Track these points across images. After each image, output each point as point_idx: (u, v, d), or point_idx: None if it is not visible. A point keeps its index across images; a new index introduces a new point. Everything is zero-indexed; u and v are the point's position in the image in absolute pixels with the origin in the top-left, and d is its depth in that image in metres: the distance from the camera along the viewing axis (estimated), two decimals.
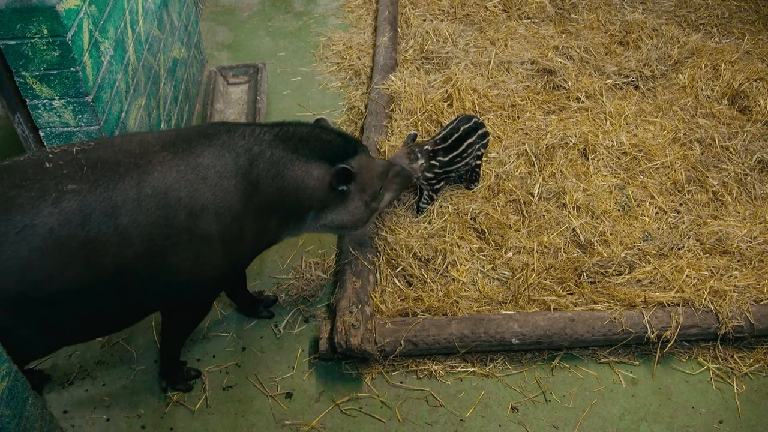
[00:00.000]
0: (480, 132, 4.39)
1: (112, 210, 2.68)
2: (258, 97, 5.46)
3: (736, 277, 3.92)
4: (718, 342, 3.79)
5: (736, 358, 3.77)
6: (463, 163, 4.35)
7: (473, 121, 4.38)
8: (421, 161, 4.11)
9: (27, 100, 3.21)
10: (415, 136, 4.26)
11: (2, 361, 2.51)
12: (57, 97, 3.22)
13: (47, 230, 2.57)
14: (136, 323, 3.19)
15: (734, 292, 3.81)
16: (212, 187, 2.93)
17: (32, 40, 2.99)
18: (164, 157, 2.87)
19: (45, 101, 3.22)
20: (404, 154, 4.10)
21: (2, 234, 2.51)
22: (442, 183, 4.41)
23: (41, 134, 3.34)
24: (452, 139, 4.26)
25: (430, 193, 4.38)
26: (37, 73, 3.11)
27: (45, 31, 2.97)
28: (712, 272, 3.96)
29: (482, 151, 4.49)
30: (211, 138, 3.05)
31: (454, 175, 4.44)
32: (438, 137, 4.30)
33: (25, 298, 2.58)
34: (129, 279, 2.79)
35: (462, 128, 4.31)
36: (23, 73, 3.10)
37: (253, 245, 3.30)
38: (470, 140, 4.32)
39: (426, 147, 4.18)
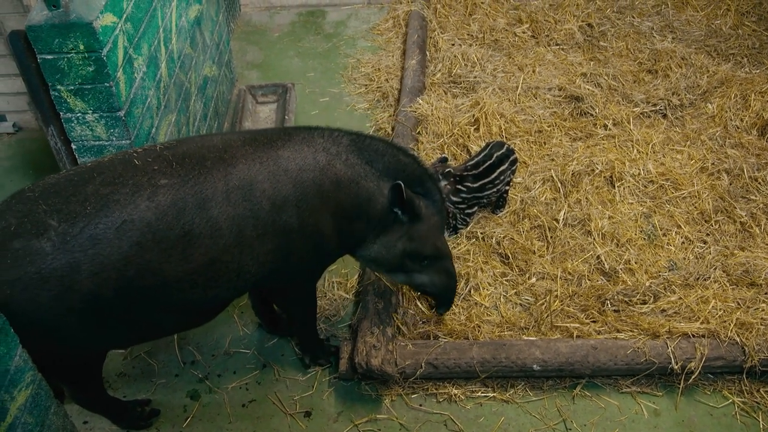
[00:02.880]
0: (511, 158, 4.39)
1: (203, 202, 2.73)
2: (286, 117, 5.51)
3: (763, 310, 3.86)
4: (744, 375, 3.72)
5: (762, 393, 3.70)
6: (494, 189, 4.35)
7: (505, 147, 4.38)
8: (444, 182, 4.12)
9: (61, 113, 3.27)
10: (446, 159, 4.27)
11: (27, 369, 2.54)
12: (90, 111, 3.27)
13: (146, 224, 2.61)
14: (217, 315, 3.22)
15: (761, 324, 3.75)
16: (293, 179, 2.97)
17: (68, 55, 3.05)
18: (246, 150, 2.94)
19: (78, 115, 3.28)
20: None
21: (102, 231, 2.54)
22: (474, 208, 4.41)
23: (73, 147, 3.40)
24: (485, 166, 4.26)
25: (463, 216, 4.38)
26: (72, 88, 3.17)
27: (81, 47, 3.03)
28: (739, 304, 3.91)
29: (511, 177, 4.49)
30: (291, 134, 3.12)
31: (485, 201, 4.43)
32: (470, 163, 4.30)
33: (123, 293, 2.62)
34: (218, 270, 2.83)
35: (495, 155, 4.30)
36: (58, 87, 3.16)
37: (332, 243, 3.25)
38: (503, 167, 4.31)
39: (449, 170, 4.18)
